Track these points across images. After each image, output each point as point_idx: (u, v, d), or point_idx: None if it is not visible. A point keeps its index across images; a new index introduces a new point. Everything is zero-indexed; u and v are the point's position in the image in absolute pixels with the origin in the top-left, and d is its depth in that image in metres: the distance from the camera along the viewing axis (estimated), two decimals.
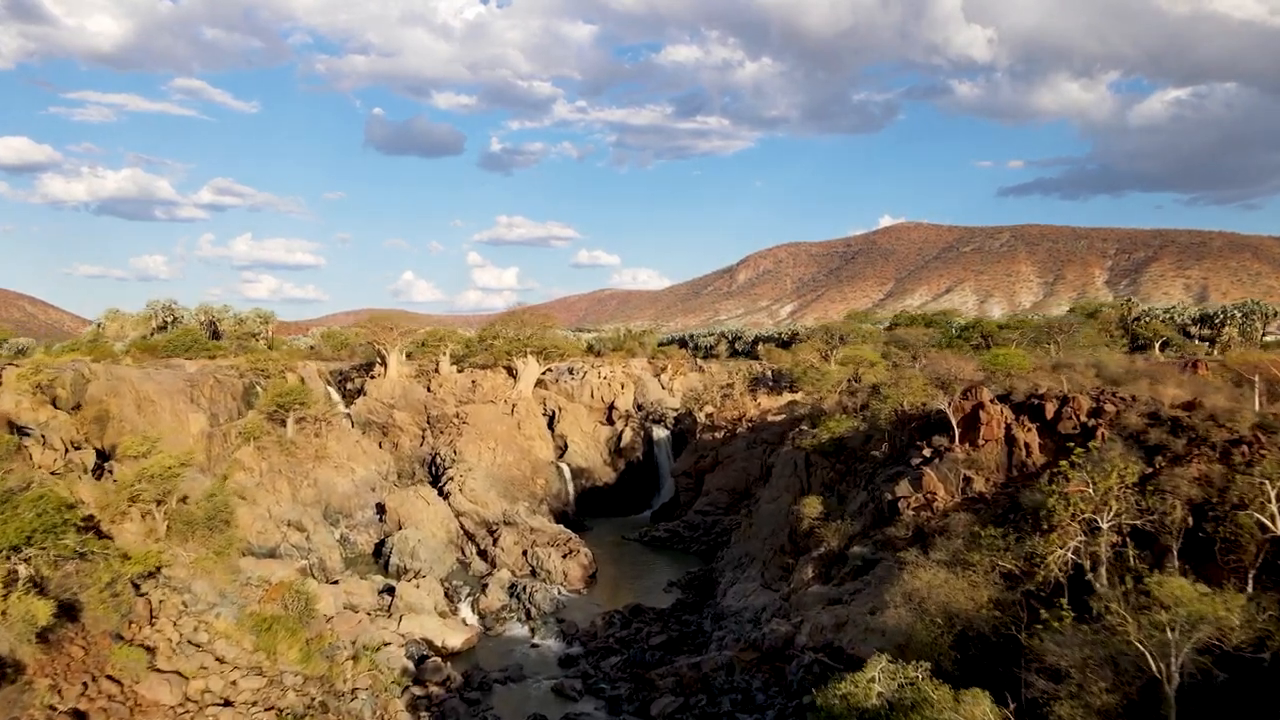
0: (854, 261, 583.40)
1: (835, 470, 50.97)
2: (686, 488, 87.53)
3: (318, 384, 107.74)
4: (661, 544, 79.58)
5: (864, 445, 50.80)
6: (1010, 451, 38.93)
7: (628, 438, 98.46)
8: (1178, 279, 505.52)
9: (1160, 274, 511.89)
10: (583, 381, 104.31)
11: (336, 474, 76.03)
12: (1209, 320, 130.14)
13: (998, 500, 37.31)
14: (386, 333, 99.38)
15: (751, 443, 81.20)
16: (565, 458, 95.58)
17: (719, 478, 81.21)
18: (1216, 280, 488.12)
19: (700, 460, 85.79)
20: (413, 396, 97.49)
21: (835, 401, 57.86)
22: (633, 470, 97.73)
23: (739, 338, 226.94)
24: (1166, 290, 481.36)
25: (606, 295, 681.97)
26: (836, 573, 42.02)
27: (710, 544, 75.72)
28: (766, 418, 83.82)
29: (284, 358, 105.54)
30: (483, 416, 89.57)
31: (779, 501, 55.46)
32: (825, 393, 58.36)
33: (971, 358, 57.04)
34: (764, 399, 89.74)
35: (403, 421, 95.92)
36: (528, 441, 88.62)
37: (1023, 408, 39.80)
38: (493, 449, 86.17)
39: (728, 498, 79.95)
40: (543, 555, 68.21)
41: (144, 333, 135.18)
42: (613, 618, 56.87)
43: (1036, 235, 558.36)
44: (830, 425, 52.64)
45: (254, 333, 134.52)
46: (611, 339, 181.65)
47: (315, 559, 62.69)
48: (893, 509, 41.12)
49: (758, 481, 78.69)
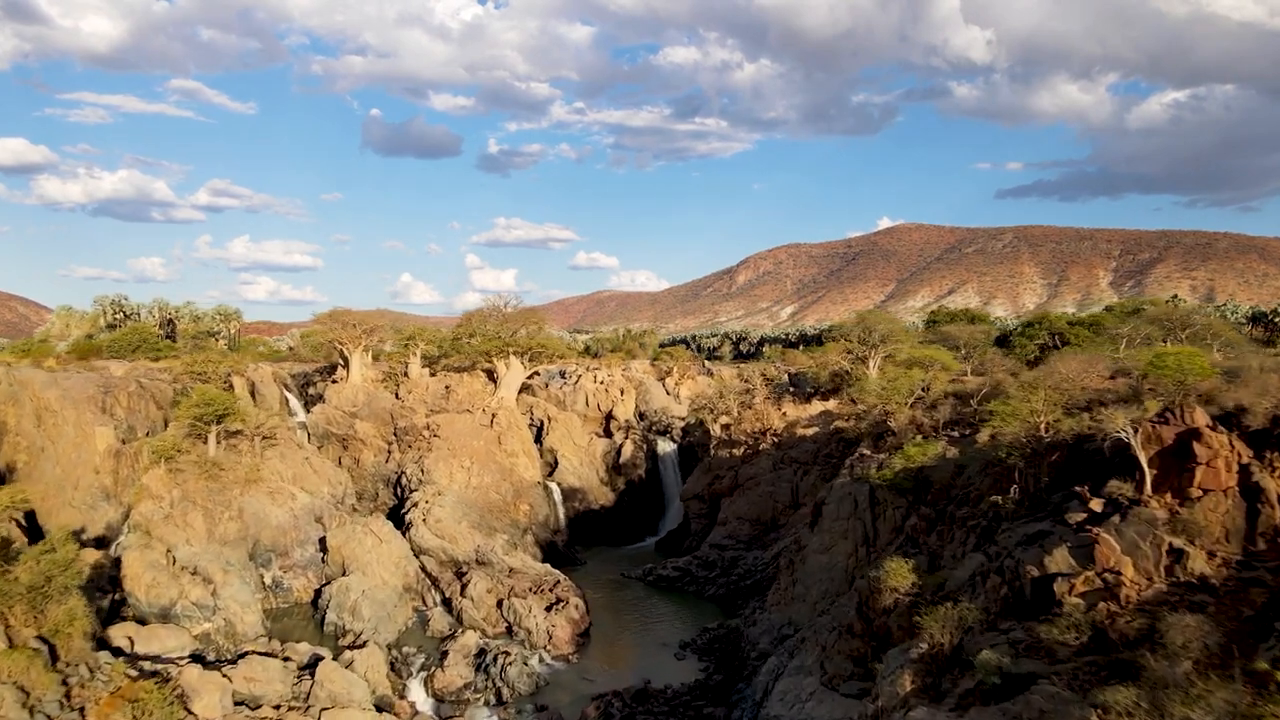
0: (855, 263, 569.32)
1: (919, 515, 35.93)
2: (699, 514, 72.34)
3: (271, 389, 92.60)
4: (670, 585, 64.42)
5: (958, 481, 35.84)
6: (1252, 509, 24.16)
7: (628, 452, 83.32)
8: (1183, 280, 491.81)
9: (1165, 275, 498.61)
10: (576, 387, 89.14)
11: (271, 501, 60.69)
12: (1263, 319, 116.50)
13: (1240, 592, 22.42)
14: (347, 330, 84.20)
15: (779, 462, 66.06)
16: (555, 476, 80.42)
17: (739, 504, 66.06)
18: (1223, 282, 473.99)
19: (716, 482, 70.63)
20: (377, 404, 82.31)
21: (907, 418, 42.92)
22: (634, 491, 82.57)
23: (744, 338, 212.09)
24: (1172, 292, 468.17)
25: (605, 297, 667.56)
26: (951, 686, 26.98)
27: (730, 588, 60.56)
28: (795, 431, 68.67)
29: (235, 359, 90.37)
30: (456, 428, 74.37)
31: (834, 553, 40.47)
32: (895, 405, 43.34)
33: (1099, 357, 41.88)
34: (789, 408, 74.62)
35: (365, 433, 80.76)
36: (509, 459, 73.39)
37: (1267, 439, 24.95)
38: (467, 468, 70.95)
39: (750, 529, 64.79)
40: (522, 609, 53.00)
41: (89, 331, 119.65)
42: (610, 707, 41.72)
43: (1039, 236, 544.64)
44: (910, 452, 37.61)
45: (212, 331, 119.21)
46: (609, 339, 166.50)
47: (220, 621, 47.47)
48: (1043, 592, 26.14)
49: (787, 510, 63.58)
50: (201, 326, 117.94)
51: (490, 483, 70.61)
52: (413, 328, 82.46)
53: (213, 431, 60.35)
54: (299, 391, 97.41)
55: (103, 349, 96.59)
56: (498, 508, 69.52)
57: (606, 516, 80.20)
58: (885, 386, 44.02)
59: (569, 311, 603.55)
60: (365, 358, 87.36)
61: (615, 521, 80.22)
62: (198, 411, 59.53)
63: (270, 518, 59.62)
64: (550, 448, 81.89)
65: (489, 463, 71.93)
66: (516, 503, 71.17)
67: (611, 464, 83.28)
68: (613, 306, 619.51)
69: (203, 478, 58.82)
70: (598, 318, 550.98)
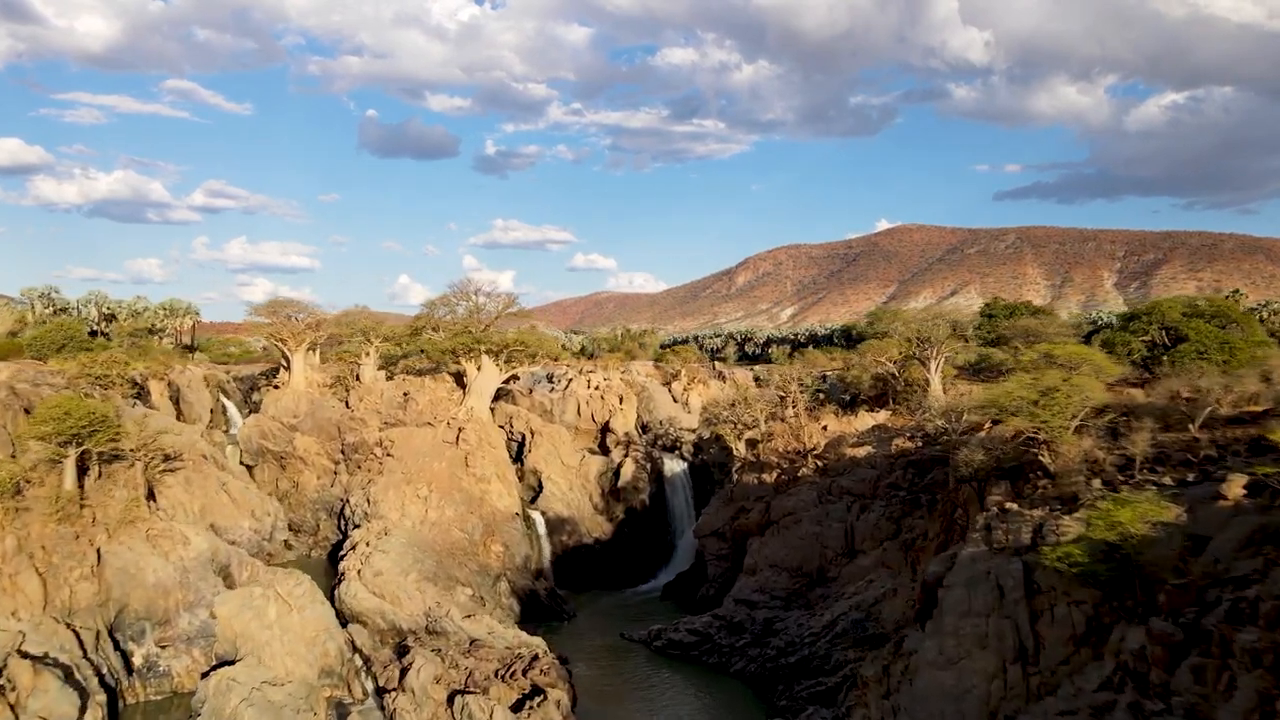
0: (856, 263, 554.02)
1: (1153, 636, 19.63)
2: (718, 555, 56.30)
3: (202, 396, 76.44)
4: (684, 653, 48.30)
5: (1193, 564, 19.82)
6: None
7: (629, 473, 67.24)
8: (1189, 281, 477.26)
9: (1171, 276, 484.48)
10: (566, 393, 73.08)
11: (152, 550, 44.41)
12: None
13: None
14: (287, 325, 68.21)
15: (825, 493, 50.01)
16: (539, 503, 64.39)
17: (774, 547, 50.00)
18: (1230, 283, 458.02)
19: (741, 515, 54.62)
20: (322, 415, 66.21)
21: (1078, 452, 27.17)
22: (636, 520, 66.50)
23: (749, 339, 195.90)
24: (1178, 293, 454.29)
25: (604, 298, 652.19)
26: None
27: (766, 665, 44.44)
28: (843, 452, 52.67)
29: (159, 360, 74.27)
30: (413, 446, 58.31)
31: (963, 670, 24.68)
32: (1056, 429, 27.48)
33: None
34: (830, 420, 58.68)
35: (307, 450, 64.70)
36: (479, 485, 57.27)
37: None
38: (424, 497, 54.86)
39: (789, 580, 48.69)
40: (480, 712, 36.85)
41: (12, 328, 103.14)
42: None
43: (1042, 237, 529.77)
44: (1113, 514, 21.60)
45: (152, 327, 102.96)
46: (607, 339, 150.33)
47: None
48: None
49: (840, 559, 47.48)
50: (141, 323, 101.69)
51: (453, 516, 54.46)
52: (365, 320, 66.34)
53: (70, 455, 44.10)
54: (244, 397, 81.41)
55: (21, 348, 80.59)
56: (461, 550, 53.38)
57: (602, 552, 64.18)
58: (1039, 399, 28.16)
59: (567, 313, 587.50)
60: (312, 358, 71.33)
61: (612, 558, 64.22)
62: (47, 429, 43.28)
63: (146, 573, 43.38)
64: (533, 468, 65.84)
65: (452, 490, 55.79)
66: (486, 541, 55.04)
67: (608, 487, 67.21)
68: (611, 308, 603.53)
69: (53, 520, 42.67)
70: (596, 319, 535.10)
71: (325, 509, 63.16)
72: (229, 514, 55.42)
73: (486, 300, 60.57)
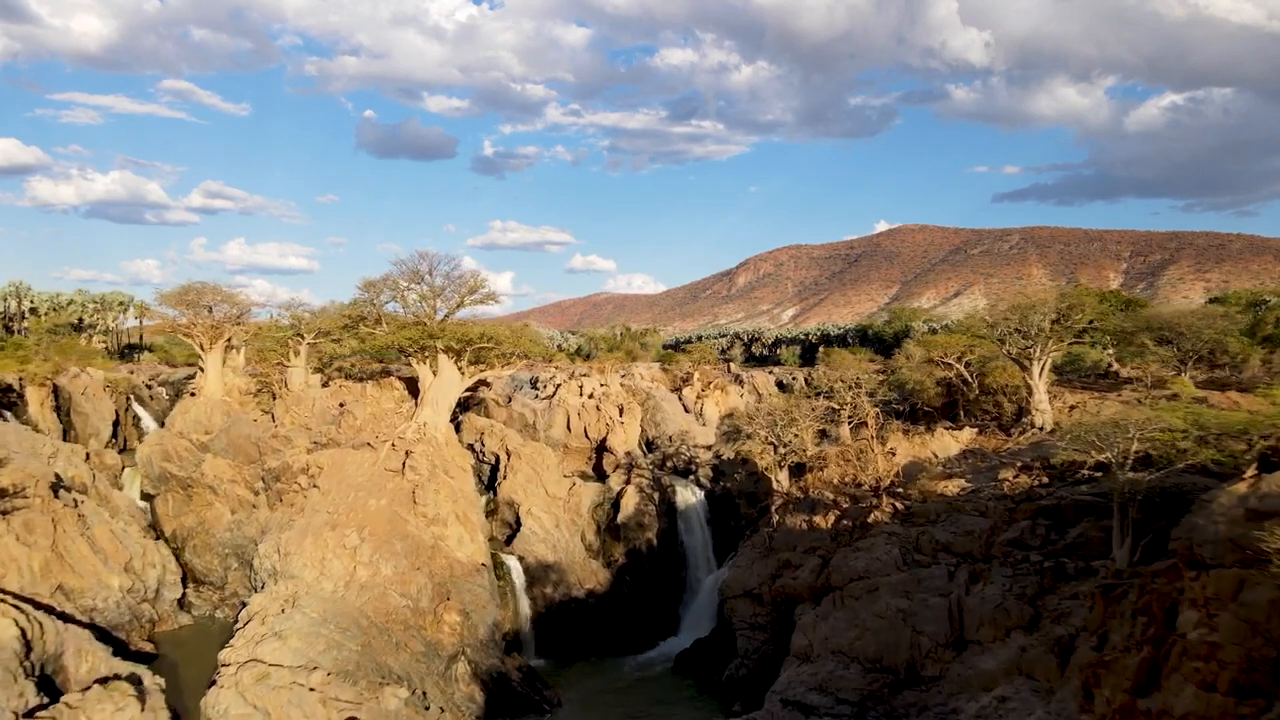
0: (857, 264, 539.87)
1: None
2: (753, 624, 40.97)
3: (102, 407, 61.26)
4: None
5: None
6: None
7: (631, 505, 51.92)
8: (1197, 282, 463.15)
9: (1179, 277, 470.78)
10: (553, 403, 57.80)
11: None
12: None
13: None
14: (200, 317, 53.02)
15: (911, 548, 34.69)
16: (516, 545, 49.17)
17: (838, 624, 34.69)
18: (1239, 284, 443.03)
19: (785, 573, 39.32)
20: (239, 431, 50.96)
21: None
22: (639, 565, 51.22)
23: (756, 339, 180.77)
24: (1186, 294, 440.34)
25: (602, 300, 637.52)
26: None
27: None
28: (926, 487, 37.40)
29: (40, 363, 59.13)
30: (345, 475, 42.93)
31: None
32: None
33: None
34: (898, 442, 43.43)
35: (218, 476, 49.46)
36: (430, 528, 41.88)
37: None
38: (353, 548, 39.46)
39: (862, 677, 33.28)
40: None
41: None
42: None
43: (1047, 237, 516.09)
44: None
45: (76, 322, 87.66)
46: (605, 338, 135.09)
47: None
48: None
49: (943, 649, 32.07)
50: (63, 317, 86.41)
51: (391, 575, 39.06)
52: (294, 312, 51.11)
53: None
54: (170, 405, 66.20)
55: None
56: (401, 623, 38.00)
57: (597, 608, 48.92)
58: None
59: (566, 314, 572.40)
60: (234, 359, 56.08)
61: (610, 617, 48.96)
62: None
63: None
64: (509, 499, 50.57)
65: (393, 537, 40.39)
66: (438, 609, 39.65)
67: (605, 524, 51.96)
68: (610, 309, 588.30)
69: None
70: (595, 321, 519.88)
71: (237, 554, 47.97)
72: (87, 570, 40.17)
73: (446, 283, 45.19)
